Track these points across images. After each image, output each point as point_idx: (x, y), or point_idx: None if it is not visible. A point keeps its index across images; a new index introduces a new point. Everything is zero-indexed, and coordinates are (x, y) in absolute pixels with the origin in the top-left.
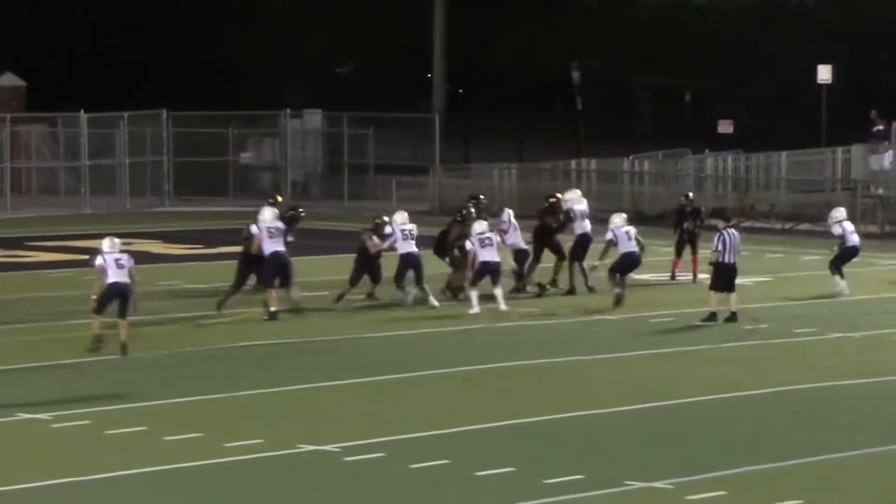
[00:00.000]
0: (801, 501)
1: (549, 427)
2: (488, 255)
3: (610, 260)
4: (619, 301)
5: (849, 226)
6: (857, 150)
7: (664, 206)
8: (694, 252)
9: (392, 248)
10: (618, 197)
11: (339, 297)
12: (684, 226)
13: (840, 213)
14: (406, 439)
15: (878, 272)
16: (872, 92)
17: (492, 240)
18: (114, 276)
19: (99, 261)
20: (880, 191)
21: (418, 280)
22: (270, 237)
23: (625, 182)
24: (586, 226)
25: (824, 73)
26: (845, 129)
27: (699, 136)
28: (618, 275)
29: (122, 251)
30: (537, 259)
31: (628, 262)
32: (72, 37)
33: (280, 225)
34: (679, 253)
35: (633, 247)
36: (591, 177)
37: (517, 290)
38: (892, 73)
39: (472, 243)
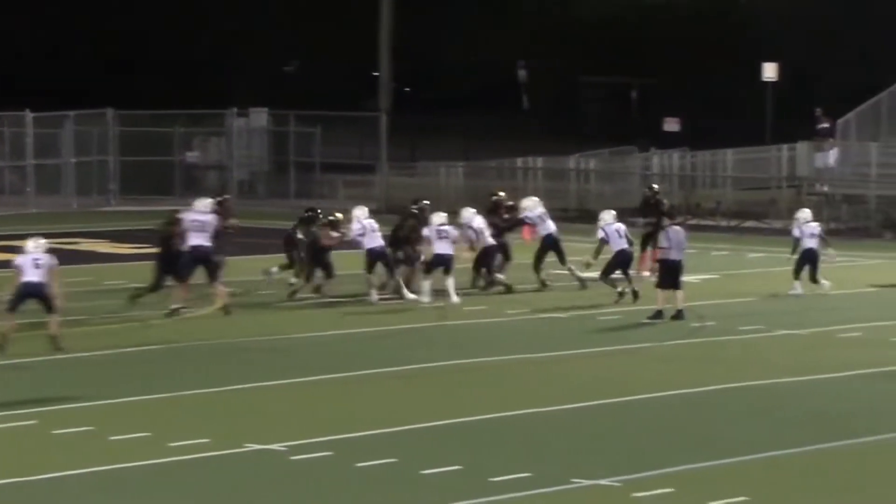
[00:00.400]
0: (746, 498)
1: (495, 425)
2: (442, 247)
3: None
4: (635, 296)
5: (808, 229)
6: (802, 147)
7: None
8: (654, 246)
9: (356, 242)
10: (564, 195)
11: (293, 293)
12: (647, 219)
13: (803, 213)
14: (352, 438)
15: (822, 270)
16: (817, 89)
17: (448, 232)
18: (29, 276)
19: (18, 260)
20: (825, 188)
21: (391, 273)
22: (195, 231)
23: (571, 180)
24: (550, 227)
25: (769, 71)
26: (790, 127)
27: (646, 134)
28: (614, 274)
29: (46, 251)
30: (507, 257)
31: (623, 260)
32: (17, 35)
33: (205, 218)
34: (645, 247)
35: (624, 244)
36: (537, 175)
37: (486, 287)
38: (836, 71)
39: (430, 233)
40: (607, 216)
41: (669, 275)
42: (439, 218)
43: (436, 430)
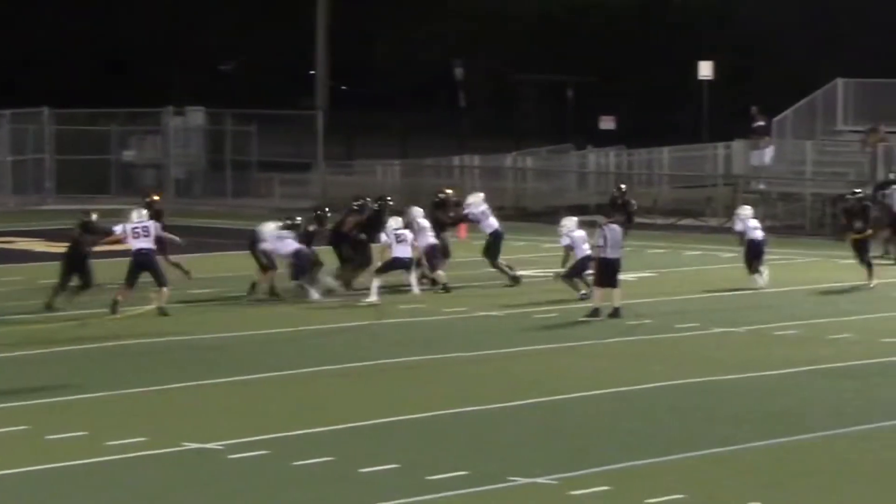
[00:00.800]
0: (683, 495)
1: (433, 423)
2: (401, 250)
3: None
4: (586, 298)
5: (752, 223)
6: (738, 145)
7: (547, 202)
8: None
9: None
10: (501, 193)
11: (252, 287)
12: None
13: (744, 210)
14: (290, 436)
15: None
16: (753, 87)
17: (405, 236)
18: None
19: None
20: (761, 186)
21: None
22: (136, 237)
23: (508, 178)
24: (494, 223)
25: (705, 70)
26: (727, 125)
27: (582, 132)
28: (577, 278)
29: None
30: (446, 254)
31: (585, 266)
32: None
33: (147, 222)
34: None
35: (588, 250)
36: (474, 173)
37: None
38: (772, 69)
39: (388, 237)
40: (570, 223)
41: (606, 273)
42: (396, 222)
43: (374, 428)
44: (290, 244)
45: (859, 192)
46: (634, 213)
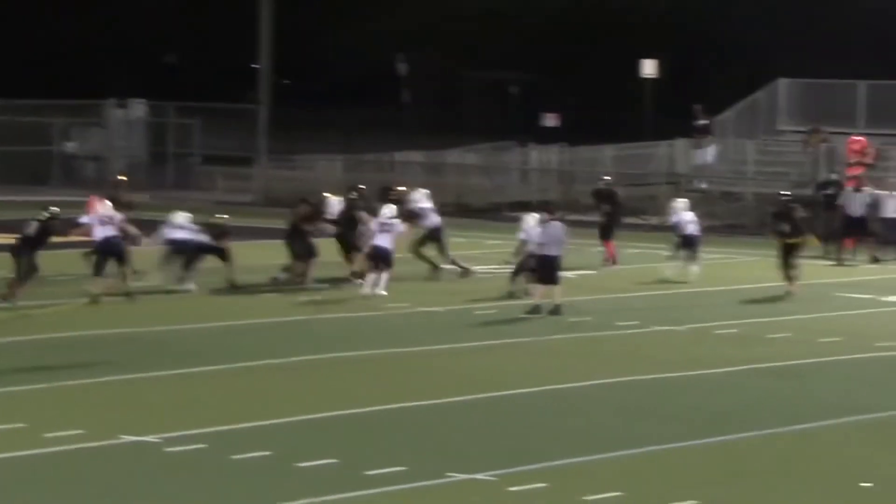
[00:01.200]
0: (622, 493)
1: (373, 418)
2: (382, 240)
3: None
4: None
5: (686, 216)
6: (681, 144)
7: (489, 198)
8: (609, 238)
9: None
10: (443, 189)
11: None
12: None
13: (679, 203)
14: (228, 430)
15: (693, 270)
16: (696, 86)
17: (391, 227)
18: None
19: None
20: (704, 185)
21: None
22: (102, 224)
23: (451, 174)
24: (436, 220)
25: (649, 68)
26: (670, 124)
27: (525, 129)
28: (524, 275)
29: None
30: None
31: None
32: None
33: (111, 212)
34: (605, 238)
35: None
36: (416, 169)
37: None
38: (715, 68)
39: (374, 226)
40: (531, 220)
41: (547, 270)
42: (389, 210)
43: (313, 422)
44: (178, 233)
45: (787, 195)
46: (620, 204)
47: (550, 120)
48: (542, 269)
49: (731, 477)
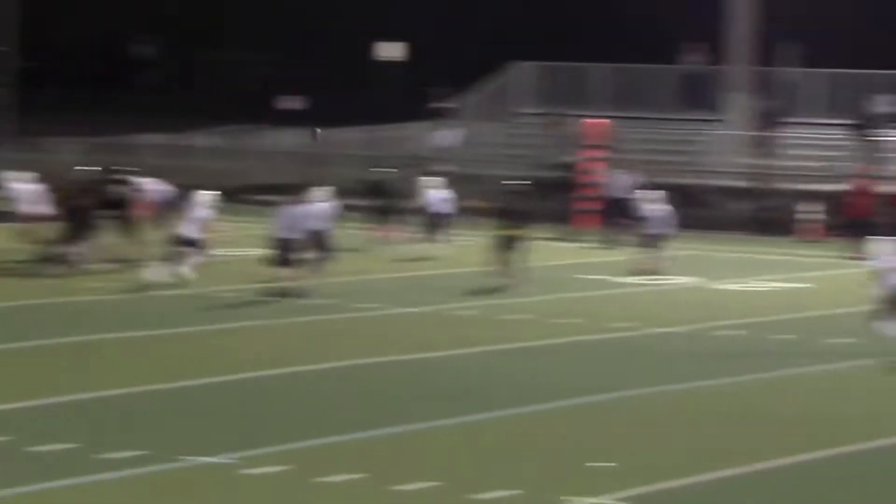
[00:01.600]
0: (361, 475)
1: (105, 403)
2: (185, 228)
3: None
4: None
5: (434, 193)
6: (425, 126)
7: (234, 181)
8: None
9: None
10: (185, 171)
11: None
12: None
13: (428, 182)
14: None
15: (440, 248)
16: (439, 69)
17: (195, 216)
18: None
19: None
20: (447, 167)
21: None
22: None
23: (194, 157)
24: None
25: (391, 50)
26: (414, 106)
27: (268, 111)
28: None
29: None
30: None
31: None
32: None
33: None
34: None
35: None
36: (157, 152)
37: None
38: (460, 50)
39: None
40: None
41: (283, 253)
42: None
43: (45, 407)
44: None
45: (512, 184)
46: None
47: (292, 102)
48: (280, 252)
49: (471, 457)
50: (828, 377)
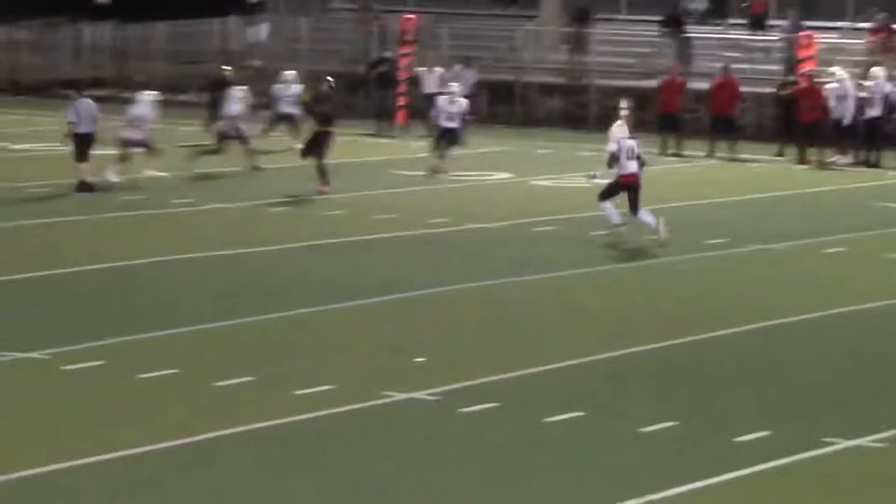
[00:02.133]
0: (176, 370)
1: None
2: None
3: None
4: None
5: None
6: (234, 21)
7: (41, 76)
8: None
9: None
10: None
11: None
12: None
13: (288, 76)
14: None
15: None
16: None
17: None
18: None
19: None
20: (256, 62)
21: None
22: None
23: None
24: None
25: None
26: (223, 1)
27: (78, 5)
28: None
29: None
30: None
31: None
32: None
33: None
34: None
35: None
36: None
37: None
38: None
39: None
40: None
41: (80, 147)
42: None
43: None
44: None
45: (330, 80)
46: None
47: None
48: (77, 146)
49: (285, 353)
50: (640, 272)
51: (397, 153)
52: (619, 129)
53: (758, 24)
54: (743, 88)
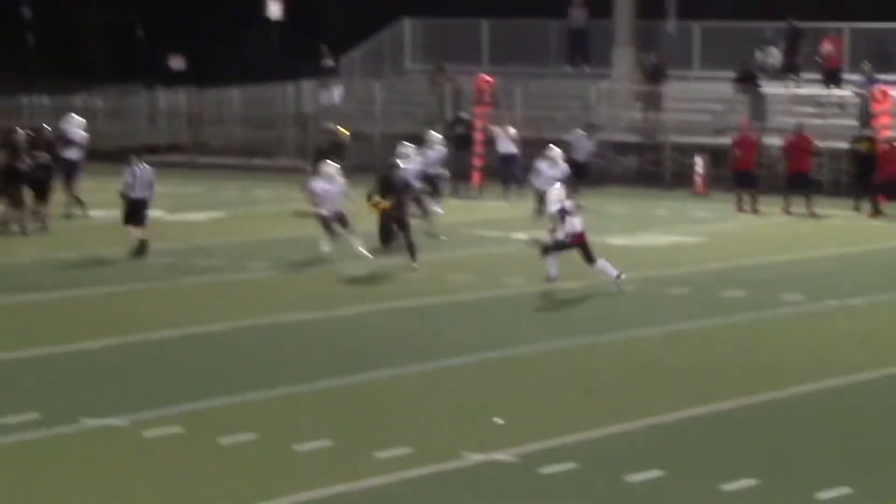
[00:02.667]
0: (255, 435)
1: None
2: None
3: None
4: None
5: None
6: (307, 84)
7: (117, 142)
8: None
9: None
10: None
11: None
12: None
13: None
14: None
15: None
16: (321, 26)
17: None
18: None
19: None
20: (331, 125)
21: None
22: None
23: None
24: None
25: (274, 9)
26: (296, 64)
27: (153, 72)
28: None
29: None
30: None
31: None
32: None
33: None
34: None
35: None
36: (43, 113)
37: None
38: (339, 8)
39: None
40: None
41: (132, 211)
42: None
43: None
44: None
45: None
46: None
47: (176, 62)
48: (129, 210)
49: (363, 415)
50: (718, 329)
51: (474, 214)
52: (557, 192)
53: (832, 78)
54: (817, 143)
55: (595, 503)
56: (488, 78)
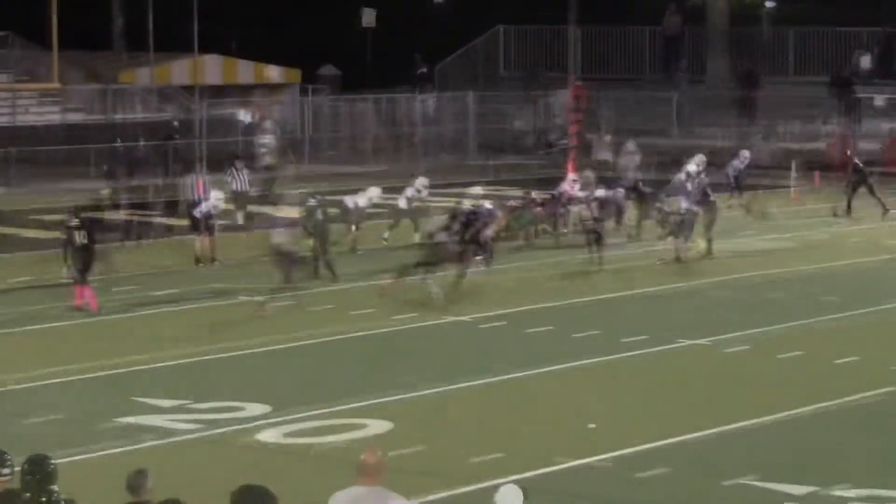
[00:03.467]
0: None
1: None
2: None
3: None
4: None
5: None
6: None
7: None
8: None
9: None
10: None
11: None
12: None
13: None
14: None
15: None
16: (415, 35)
17: None
18: None
19: None
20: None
21: None
22: None
23: None
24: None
25: (368, 18)
26: (390, 72)
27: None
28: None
29: None
30: None
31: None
32: None
33: None
34: None
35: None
36: None
37: None
38: (433, 17)
39: None
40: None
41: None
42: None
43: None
44: None
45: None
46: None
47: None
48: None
49: (456, 422)
50: (812, 331)
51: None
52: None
53: None
54: None
55: None
56: (581, 85)
